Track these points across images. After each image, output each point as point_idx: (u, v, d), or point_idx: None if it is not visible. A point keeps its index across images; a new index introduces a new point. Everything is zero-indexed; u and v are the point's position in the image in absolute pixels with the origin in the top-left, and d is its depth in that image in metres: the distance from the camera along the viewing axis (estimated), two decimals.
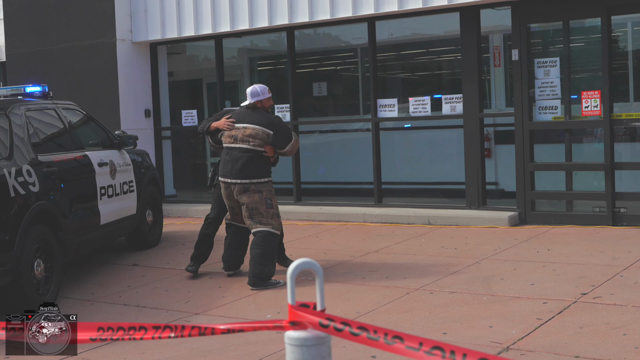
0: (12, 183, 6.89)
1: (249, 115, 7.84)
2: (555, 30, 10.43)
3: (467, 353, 2.39)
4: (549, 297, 6.50)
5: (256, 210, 7.55)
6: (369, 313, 6.35)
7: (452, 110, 10.72)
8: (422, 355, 2.44)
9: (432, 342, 2.49)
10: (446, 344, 2.45)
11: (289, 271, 2.79)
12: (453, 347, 2.41)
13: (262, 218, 7.54)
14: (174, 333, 3.02)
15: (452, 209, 10.76)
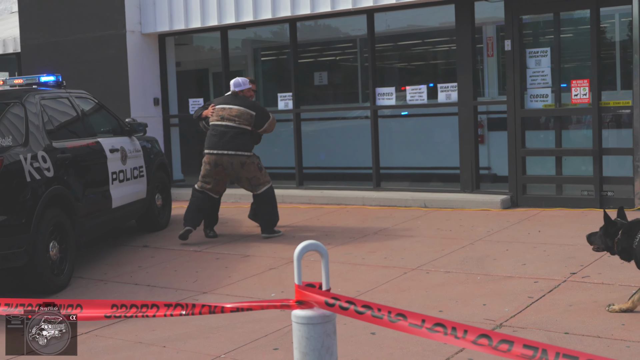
0: (27, 168, 6.89)
1: (233, 100, 8.92)
2: (546, 22, 10.38)
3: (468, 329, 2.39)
4: (539, 276, 6.50)
5: (255, 178, 8.84)
6: (368, 292, 6.35)
7: (447, 99, 10.70)
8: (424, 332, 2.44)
9: (434, 319, 2.49)
10: (448, 321, 2.45)
11: (296, 252, 2.79)
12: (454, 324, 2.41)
13: (259, 181, 8.86)
14: (185, 311, 3.02)
15: (447, 192, 10.75)
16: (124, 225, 9.79)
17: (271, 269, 7.43)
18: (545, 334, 5.07)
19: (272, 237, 8.85)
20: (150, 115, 12.87)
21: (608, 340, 4.90)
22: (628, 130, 9.63)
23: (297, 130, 12.02)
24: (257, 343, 5.25)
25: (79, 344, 5.44)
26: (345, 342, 4.99)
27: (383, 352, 4.90)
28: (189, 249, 8.57)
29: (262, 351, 5.08)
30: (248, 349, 5.14)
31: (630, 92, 9.44)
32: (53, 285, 7.00)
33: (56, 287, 7.03)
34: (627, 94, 9.67)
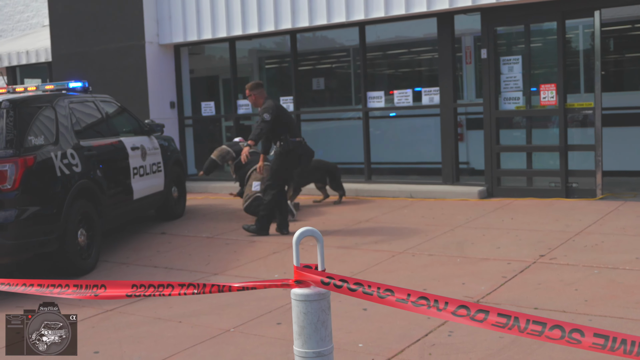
0: (58, 165, 6.89)
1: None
2: (518, 33, 10.37)
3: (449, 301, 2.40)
4: (512, 258, 6.51)
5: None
6: (360, 273, 6.36)
7: (430, 101, 10.69)
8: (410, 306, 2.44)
9: (418, 293, 2.49)
10: (430, 295, 2.46)
11: (294, 238, 2.79)
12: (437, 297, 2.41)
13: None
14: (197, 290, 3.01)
15: (430, 184, 10.76)
16: (144, 215, 9.78)
17: (274, 253, 7.44)
18: (517, 309, 5.07)
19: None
20: (167, 117, 12.86)
21: (573, 315, 4.91)
22: (590, 129, 9.64)
23: None
24: (262, 318, 5.25)
25: (104, 320, 5.48)
26: (339, 318, 5.00)
27: (373, 325, 4.92)
28: (202, 236, 8.57)
29: (266, 325, 5.09)
30: (254, 324, 5.15)
31: (592, 95, 9.44)
32: (81, 268, 7.00)
33: (84, 269, 7.04)
34: (590, 96, 9.67)
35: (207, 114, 13.14)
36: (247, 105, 12.61)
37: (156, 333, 5.11)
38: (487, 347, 4.37)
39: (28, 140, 6.68)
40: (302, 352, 2.78)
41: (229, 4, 11.94)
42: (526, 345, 4.32)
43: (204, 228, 9.04)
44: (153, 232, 9.08)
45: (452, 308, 2.41)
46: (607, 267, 6.05)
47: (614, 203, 8.98)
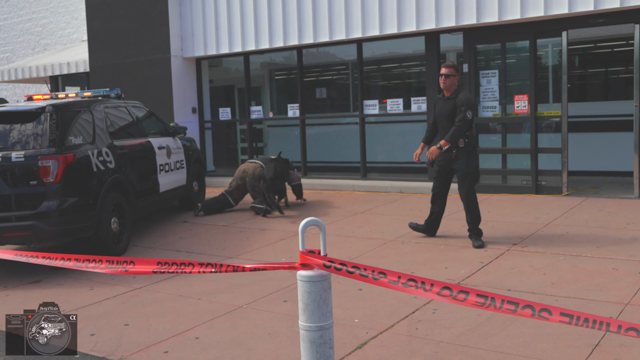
0: (94, 161, 6.88)
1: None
2: (495, 50, 10.35)
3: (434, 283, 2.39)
4: (489, 247, 6.50)
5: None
6: (356, 258, 6.35)
7: (418, 109, 10.68)
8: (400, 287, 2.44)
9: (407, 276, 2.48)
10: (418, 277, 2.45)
11: (300, 227, 2.78)
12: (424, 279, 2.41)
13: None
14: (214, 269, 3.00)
15: (418, 181, 10.75)
16: (168, 206, 9.78)
17: (282, 239, 7.43)
18: (492, 290, 5.06)
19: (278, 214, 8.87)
20: (189, 120, 12.85)
21: (541, 295, 4.90)
22: (558, 134, 9.61)
23: (302, 133, 12.00)
24: (271, 296, 5.25)
25: (133, 297, 5.48)
26: (338, 297, 4.99)
27: (367, 303, 4.91)
28: (219, 224, 8.56)
29: (275, 302, 5.09)
30: (264, 301, 5.15)
31: (560, 104, 9.42)
32: (114, 251, 7.00)
33: (116, 252, 7.04)
34: (558, 106, 9.64)
35: (224, 118, 13.13)
36: (259, 111, 12.60)
37: (179, 308, 5.11)
38: (466, 323, 4.37)
39: (68, 140, 6.67)
40: (306, 326, 2.78)
41: (244, 23, 11.92)
42: (500, 322, 4.31)
43: (220, 218, 9.03)
44: (176, 221, 9.08)
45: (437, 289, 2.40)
46: (572, 254, 6.04)
47: (577, 199, 8.96)
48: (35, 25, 19.87)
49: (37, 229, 6.23)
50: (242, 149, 14.25)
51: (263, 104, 14.06)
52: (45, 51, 19.27)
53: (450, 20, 9.83)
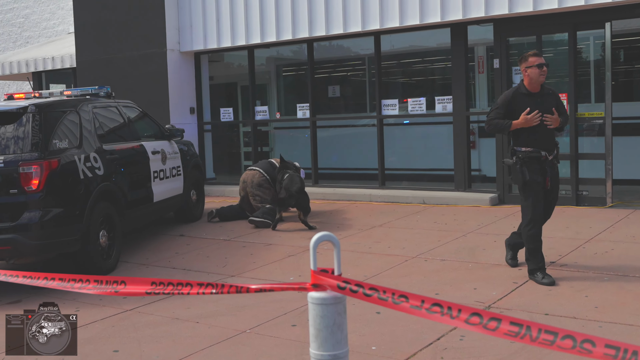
0: (81, 167, 6.92)
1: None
2: (530, 43, 10.32)
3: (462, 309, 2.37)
4: (523, 264, 6.45)
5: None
6: (374, 277, 6.33)
7: (443, 109, 10.65)
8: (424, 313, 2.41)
9: (432, 300, 2.46)
10: (444, 301, 2.43)
11: (312, 242, 2.77)
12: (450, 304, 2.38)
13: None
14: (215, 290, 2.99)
15: (443, 191, 10.71)
16: (163, 217, 9.80)
17: (290, 255, 7.42)
18: (527, 315, 5.03)
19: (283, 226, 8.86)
20: (186, 122, 12.90)
21: (583, 321, 4.86)
22: (601, 137, 9.56)
23: (313, 136, 12.01)
24: (277, 320, 5.24)
25: (123, 319, 5.48)
26: (353, 320, 4.97)
27: (386, 329, 4.89)
28: (220, 239, 8.57)
29: (282, 327, 5.08)
30: (270, 325, 5.14)
31: (603, 104, 9.36)
32: (102, 268, 7.02)
33: (105, 270, 7.05)
34: (600, 106, 9.59)
35: (225, 120, 13.16)
36: (265, 112, 12.62)
37: (174, 333, 5.11)
38: (497, 352, 4.33)
39: (53, 143, 6.71)
40: (318, 355, 2.76)
41: (248, 13, 11.96)
42: (536, 351, 4.27)
43: (221, 231, 9.04)
44: (172, 234, 9.09)
45: (465, 315, 2.38)
46: (617, 274, 5.99)
47: (623, 211, 8.90)
48: (16, 16, 20.06)
49: (17, 243, 6.26)
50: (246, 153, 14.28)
51: (269, 103, 14.10)
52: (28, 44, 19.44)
53: (479, 9, 9.82)
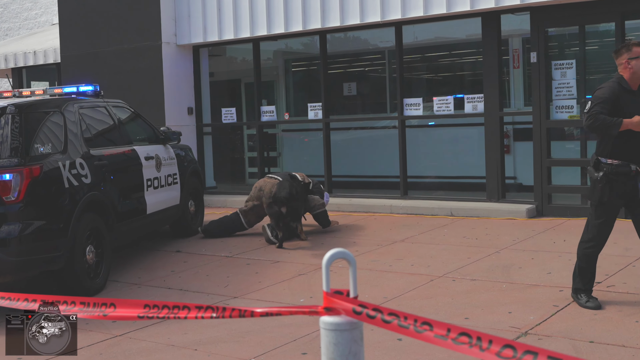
0: (66, 175, 6.94)
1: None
2: (571, 34, 10.29)
3: (493, 340, 2.34)
4: (565, 285, 6.42)
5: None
6: (395, 298, 6.31)
7: (473, 109, 10.64)
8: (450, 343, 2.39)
9: (459, 329, 2.44)
10: (473, 331, 2.41)
11: (324, 260, 2.76)
12: (479, 334, 2.36)
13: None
14: (216, 313, 2.98)
15: (473, 201, 10.68)
16: (158, 231, 9.83)
17: (300, 274, 7.42)
18: (570, 342, 5.00)
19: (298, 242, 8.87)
20: (184, 124, 12.94)
21: (633, 350, 4.81)
22: None
23: (326, 139, 12.01)
24: (286, 347, 5.23)
25: (113, 346, 5.49)
26: (372, 348, 4.96)
27: (408, 357, 4.86)
28: (221, 255, 8.58)
29: (291, 355, 5.07)
30: (277, 353, 5.13)
31: None
32: (89, 288, 7.03)
33: (92, 290, 7.07)
34: None
35: (227, 121, 13.20)
36: (272, 112, 12.65)
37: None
38: None
39: (34, 148, 6.75)
40: None
41: (253, 2, 12.00)
42: None
43: (222, 246, 9.05)
44: (167, 250, 9.11)
45: (496, 348, 2.35)
46: None
47: None
48: None
49: None
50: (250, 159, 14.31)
51: (277, 103, 14.13)
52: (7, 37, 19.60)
53: None
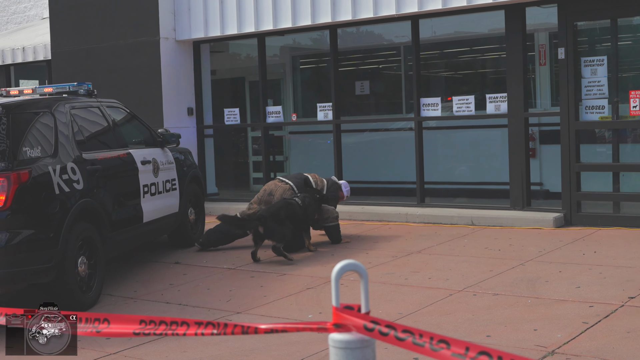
0: (56, 181, 6.97)
1: None
2: (603, 28, 10.28)
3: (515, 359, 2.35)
4: (595, 300, 6.40)
5: None
6: (411, 314, 6.31)
7: (496, 110, 10.63)
8: None
9: (478, 348, 2.44)
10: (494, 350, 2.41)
11: (334, 273, 2.77)
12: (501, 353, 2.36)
13: None
14: (217, 330, 2.99)
15: (495, 209, 10.66)
16: (155, 241, 9.85)
17: (308, 288, 7.42)
18: None
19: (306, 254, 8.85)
20: (183, 125, 12.97)
21: None
22: None
23: (336, 142, 12.02)
24: None
25: None
26: None
27: None
28: (223, 267, 8.60)
29: None
30: None
31: None
32: (81, 302, 7.04)
33: (85, 304, 7.08)
34: None
35: (230, 123, 13.23)
36: (278, 113, 12.67)
37: None
38: None
39: (22, 151, 6.77)
40: None
41: None
42: None
43: (225, 257, 9.06)
44: (165, 262, 9.13)
45: None
46: None
47: None
48: None
49: None
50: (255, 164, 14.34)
51: (283, 103, 14.16)
52: None
53: None
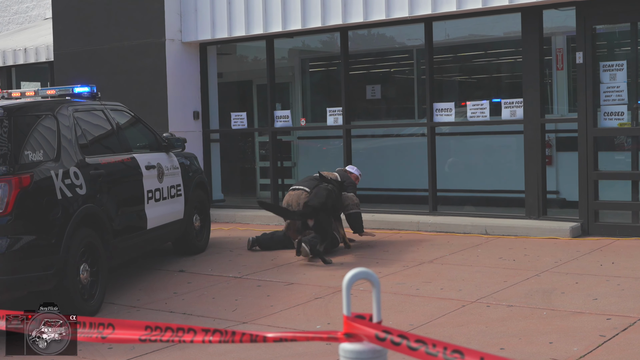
0: (59, 185, 6.99)
1: None
2: (622, 32, 10.28)
3: None
4: (613, 312, 6.39)
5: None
6: (422, 326, 6.31)
7: (511, 115, 10.63)
8: None
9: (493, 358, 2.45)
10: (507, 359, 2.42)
11: (345, 281, 2.78)
12: None
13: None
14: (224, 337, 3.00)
15: (510, 218, 10.65)
16: (159, 248, 9.87)
17: (317, 298, 7.43)
18: None
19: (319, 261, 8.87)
20: (189, 129, 13.01)
21: None
22: None
23: (347, 148, 12.03)
24: None
25: None
26: None
27: None
28: (229, 275, 8.61)
29: None
30: None
31: None
32: (83, 311, 7.04)
33: (86, 312, 7.06)
34: None
35: (237, 127, 13.25)
36: (287, 117, 12.69)
37: None
38: None
39: (24, 155, 6.80)
40: None
41: None
42: None
43: (231, 266, 9.07)
44: (169, 270, 9.15)
45: None
46: None
47: None
48: None
49: None
50: (262, 169, 14.37)
51: (292, 107, 14.19)
52: None
53: None
